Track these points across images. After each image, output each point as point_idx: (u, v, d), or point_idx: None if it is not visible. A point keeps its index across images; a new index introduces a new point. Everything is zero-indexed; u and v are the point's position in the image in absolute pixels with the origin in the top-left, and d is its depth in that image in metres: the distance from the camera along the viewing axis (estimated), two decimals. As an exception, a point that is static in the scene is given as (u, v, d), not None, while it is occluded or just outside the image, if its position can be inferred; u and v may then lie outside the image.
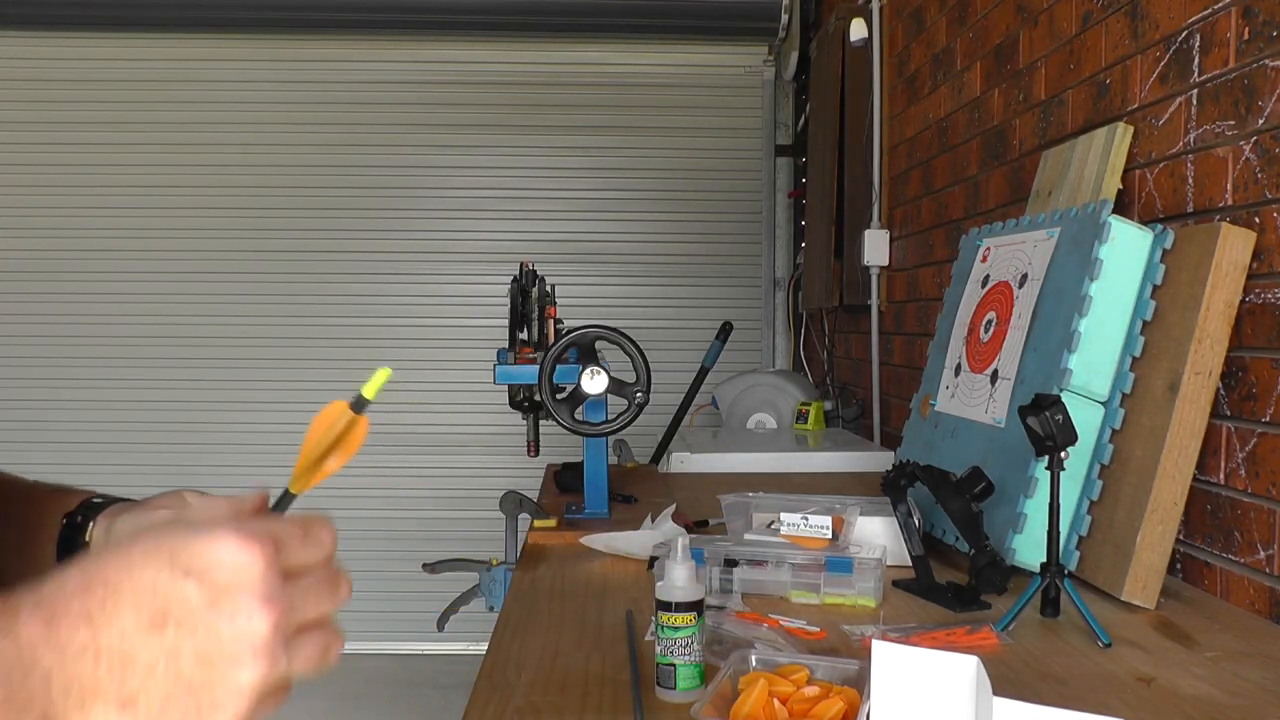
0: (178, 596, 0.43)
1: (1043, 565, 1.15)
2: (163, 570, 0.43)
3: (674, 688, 0.93)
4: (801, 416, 2.77)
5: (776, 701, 0.85)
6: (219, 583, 0.43)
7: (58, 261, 4.10)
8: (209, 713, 0.43)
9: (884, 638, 0.85)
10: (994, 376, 1.47)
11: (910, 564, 1.31)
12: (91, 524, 0.75)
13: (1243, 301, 1.22)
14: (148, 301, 4.12)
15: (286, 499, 0.51)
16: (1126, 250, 1.29)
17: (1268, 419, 1.18)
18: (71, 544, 0.75)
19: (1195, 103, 1.33)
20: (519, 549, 1.62)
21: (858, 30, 2.78)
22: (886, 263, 2.78)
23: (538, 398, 1.77)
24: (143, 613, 0.42)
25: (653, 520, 1.55)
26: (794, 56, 3.91)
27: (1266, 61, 1.18)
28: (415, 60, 4.12)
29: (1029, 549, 1.28)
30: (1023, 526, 1.29)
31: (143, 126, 4.09)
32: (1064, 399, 1.17)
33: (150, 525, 0.47)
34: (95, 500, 0.78)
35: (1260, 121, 1.19)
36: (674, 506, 1.60)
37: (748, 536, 1.33)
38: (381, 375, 0.51)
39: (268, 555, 0.44)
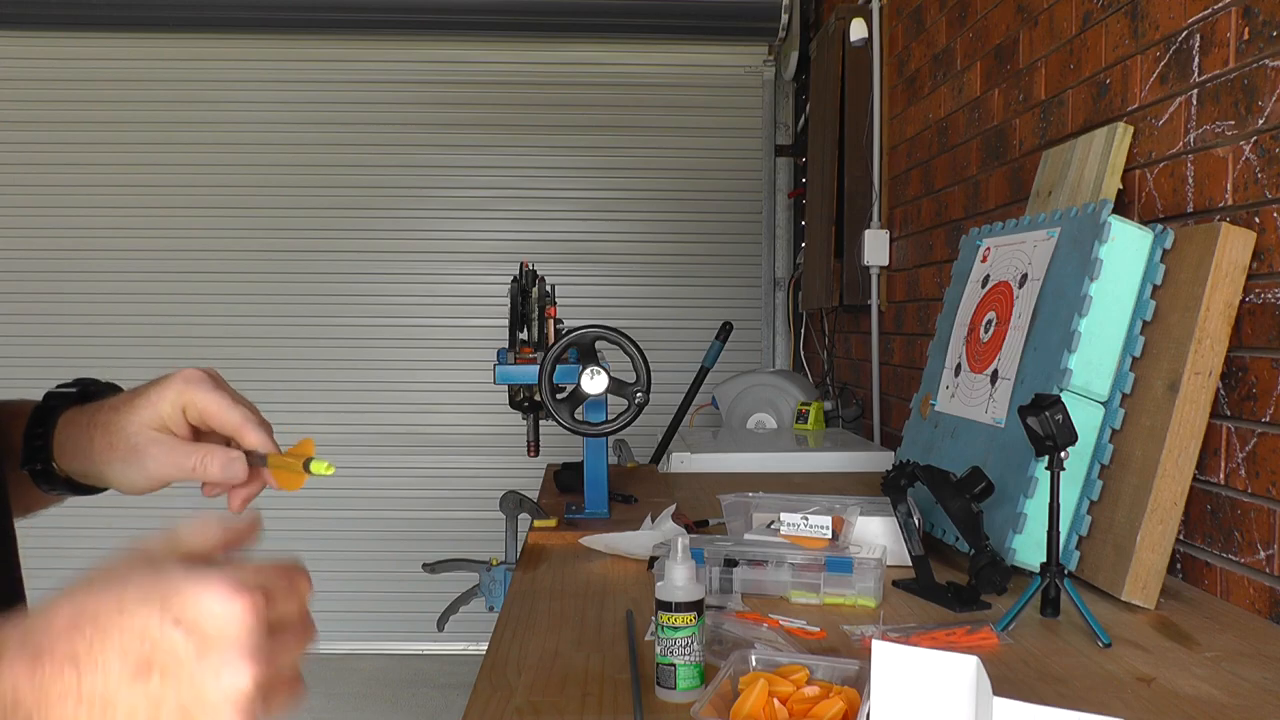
0: (166, 645, 0.42)
1: (1043, 565, 1.15)
2: (153, 616, 0.43)
3: (674, 688, 0.93)
4: (801, 416, 2.77)
5: (776, 701, 0.85)
6: (207, 634, 0.43)
7: (57, 261, 4.10)
8: None
9: (884, 638, 0.85)
10: (994, 376, 1.47)
11: (910, 564, 1.31)
12: (52, 440, 0.76)
13: (1243, 301, 1.22)
14: (145, 301, 4.12)
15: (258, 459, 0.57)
16: (1126, 250, 1.29)
17: (1268, 419, 1.18)
18: (37, 454, 0.75)
19: (1195, 103, 1.33)
20: (519, 549, 1.62)
21: (858, 30, 2.78)
22: (886, 263, 2.78)
23: (538, 398, 1.77)
24: (129, 659, 0.42)
25: (653, 520, 1.55)
26: (794, 56, 3.91)
27: (1266, 61, 1.18)
28: (415, 60, 4.12)
29: (1029, 549, 1.28)
30: (1023, 526, 1.29)
31: (143, 126, 4.09)
32: (1064, 399, 1.18)
33: (143, 554, 0.46)
34: (43, 406, 0.77)
35: (1260, 121, 1.19)
36: (674, 506, 1.60)
37: (748, 536, 1.33)
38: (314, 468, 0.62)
39: (256, 609, 0.44)
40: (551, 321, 1.86)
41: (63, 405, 0.76)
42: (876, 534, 1.36)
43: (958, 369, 1.60)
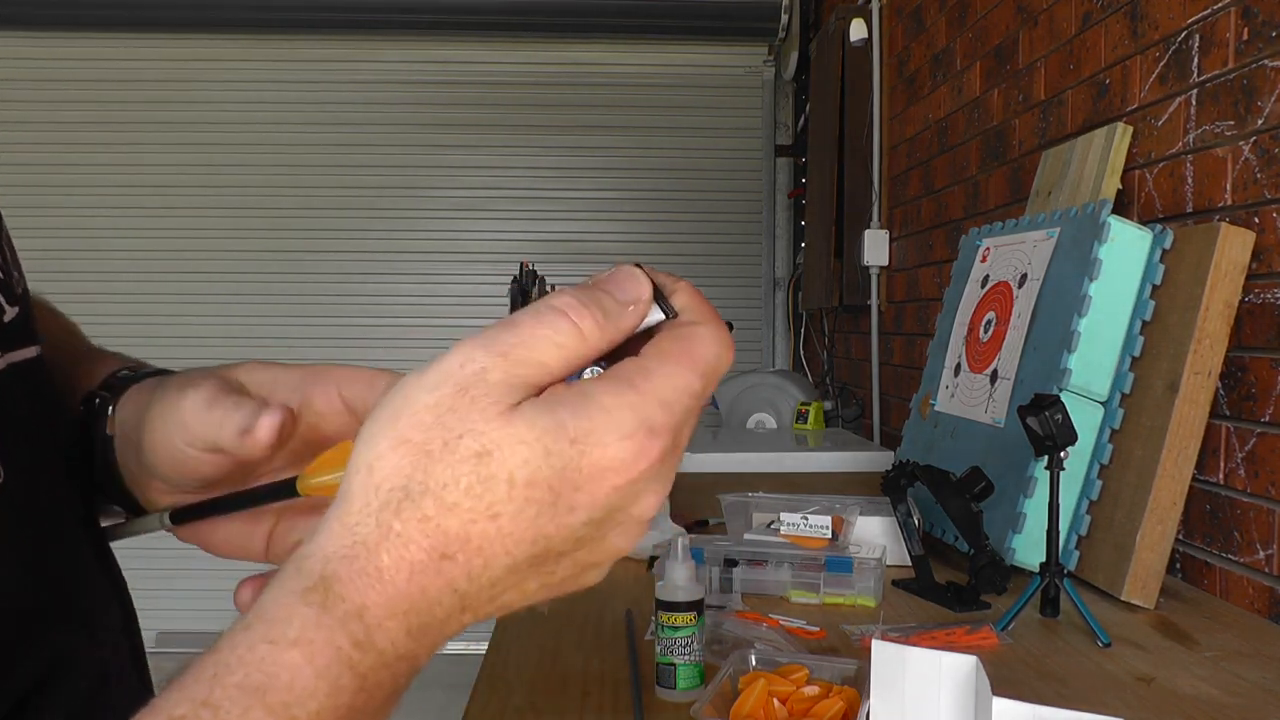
0: (560, 545, 0.38)
1: (1042, 565, 1.15)
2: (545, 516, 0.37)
3: (674, 687, 0.93)
4: (801, 416, 2.77)
5: (776, 701, 0.85)
6: (604, 511, 0.38)
7: (57, 262, 4.10)
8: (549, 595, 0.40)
9: (884, 637, 0.85)
10: (993, 376, 1.47)
11: (910, 564, 1.31)
12: (111, 408, 0.59)
13: (1242, 301, 1.22)
14: (143, 302, 4.12)
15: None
16: (1126, 250, 1.30)
17: (1267, 419, 1.18)
18: (91, 431, 0.59)
19: (1195, 103, 1.33)
20: (519, 549, 1.62)
21: (858, 30, 2.78)
22: (886, 263, 2.78)
23: (538, 398, 1.76)
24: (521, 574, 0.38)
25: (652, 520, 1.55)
26: (794, 56, 3.91)
27: (1266, 62, 1.18)
28: (415, 60, 4.12)
29: (1028, 549, 1.28)
30: (1022, 526, 1.29)
31: (143, 126, 4.09)
32: (1063, 399, 1.18)
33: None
34: (120, 374, 0.62)
35: (1259, 122, 1.20)
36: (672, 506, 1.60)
37: (748, 536, 1.33)
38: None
39: (663, 473, 0.39)
40: (551, 321, 1.86)
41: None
42: (876, 534, 1.36)
43: (957, 369, 1.60)
